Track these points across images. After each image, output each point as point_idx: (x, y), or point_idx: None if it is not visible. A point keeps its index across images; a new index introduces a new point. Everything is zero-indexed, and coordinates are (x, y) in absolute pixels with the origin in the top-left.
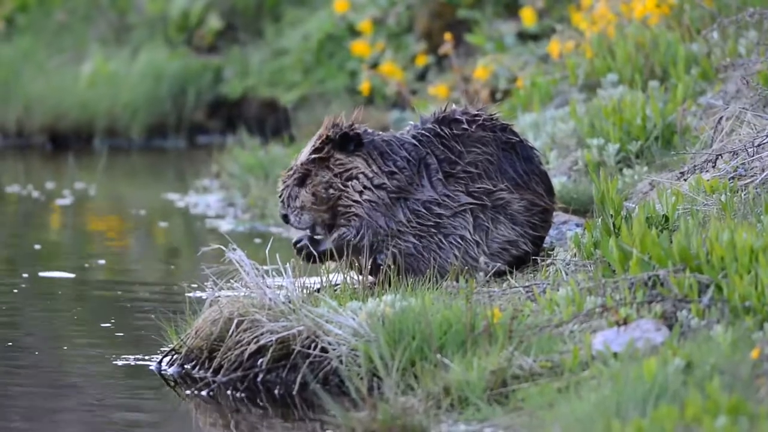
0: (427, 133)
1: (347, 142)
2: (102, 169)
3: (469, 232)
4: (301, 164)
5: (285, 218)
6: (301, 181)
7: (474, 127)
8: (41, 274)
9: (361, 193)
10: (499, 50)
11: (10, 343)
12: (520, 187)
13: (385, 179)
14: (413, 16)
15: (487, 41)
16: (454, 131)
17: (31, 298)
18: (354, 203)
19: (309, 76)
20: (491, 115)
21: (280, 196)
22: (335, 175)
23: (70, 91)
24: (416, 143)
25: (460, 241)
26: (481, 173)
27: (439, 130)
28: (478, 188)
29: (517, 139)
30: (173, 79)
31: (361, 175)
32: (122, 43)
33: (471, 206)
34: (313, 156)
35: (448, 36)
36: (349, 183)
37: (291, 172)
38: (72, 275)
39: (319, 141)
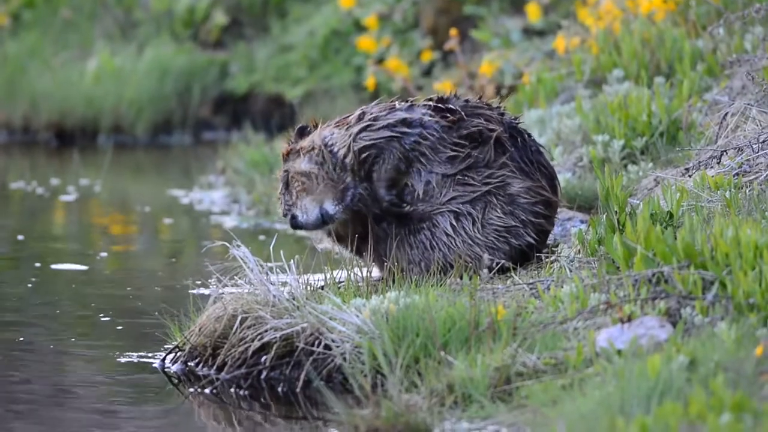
0: (417, 105)
1: (304, 129)
2: (107, 165)
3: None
4: (279, 174)
5: (293, 220)
6: (286, 185)
7: (477, 101)
8: (53, 266)
9: (350, 134)
10: (505, 46)
11: (22, 338)
12: (524, 173)
13: (362, 112)
14: (419, 11)
15: (492, 37)
16: (451, 102)
17: (36, 293)
18: (349, 142)
19: (315, 71)
20: (498, 105)
21: (282, 213)
22: (310, 148)
23: (75, 88)
24: (390, 108)
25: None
26: (487, 145)
27: (427, 101)
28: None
29: (526, 130)
30: (179, 75)
31: (335, 130)
32: (128, 39)
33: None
34: (283, 158)
35: (453, 32)
36: (328, 138)
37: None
38: (85, 267)
39: (285, 147)
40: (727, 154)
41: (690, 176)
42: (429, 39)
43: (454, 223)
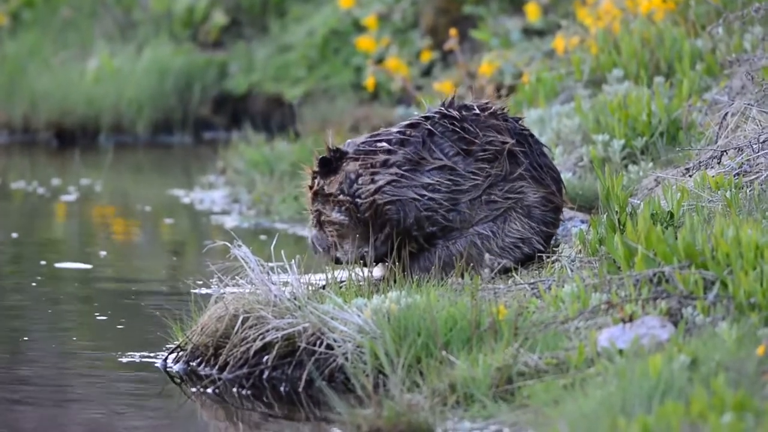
0: (434, 115)
1: (327, 162)
2: (108, 165)
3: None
4: (309, 208)
5: (337, 262)
6: (320, 226)
7: (486, 114)
8: (57, 265)
9: (373, 181)
10: (505, 46)
11: (26, 338)
12: (536, 181)
13: (388, 156)
14: (418, 11)
15: (492, 37)
16: (464, 114)
17: (39, 292)
18: (373, 196)
19: (314, 71)
20: (501, 107)
21: (323, 250)
22: (339, 199)
23: (75, 87)
24: (413, 124)
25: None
26: (500, 159)
27: (446, 110)
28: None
29: (529, 132)
30: (178, 75)
31: (360, 171)
32: (127, 39)
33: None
34: (311, 197)
35: (453, 32)
36: (354, 186)
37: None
38: (88, 266)
39: (310, 179)
40: (727, 154)
41: (690, 176)
42: (428, 39)
43: (477, 242)
